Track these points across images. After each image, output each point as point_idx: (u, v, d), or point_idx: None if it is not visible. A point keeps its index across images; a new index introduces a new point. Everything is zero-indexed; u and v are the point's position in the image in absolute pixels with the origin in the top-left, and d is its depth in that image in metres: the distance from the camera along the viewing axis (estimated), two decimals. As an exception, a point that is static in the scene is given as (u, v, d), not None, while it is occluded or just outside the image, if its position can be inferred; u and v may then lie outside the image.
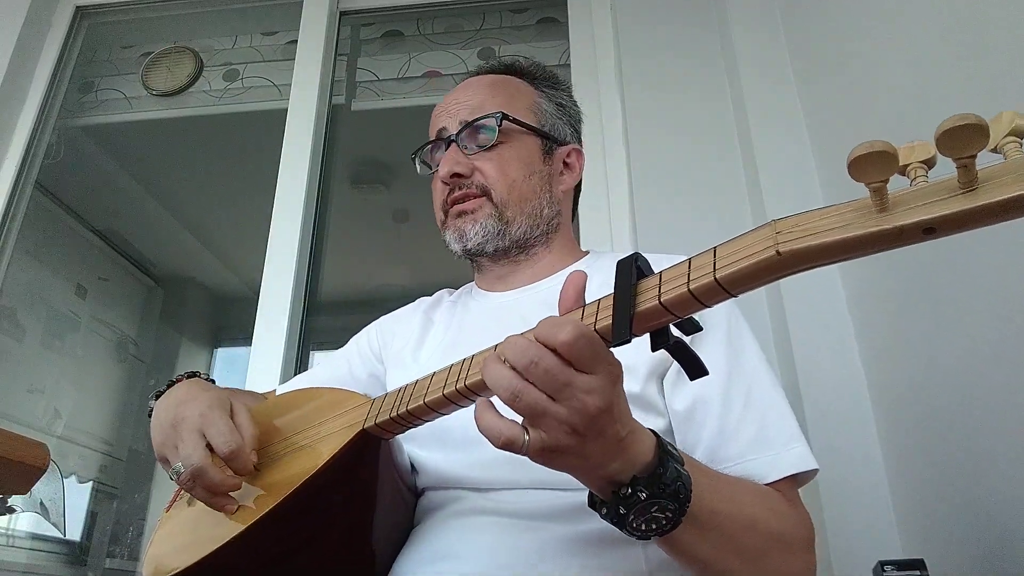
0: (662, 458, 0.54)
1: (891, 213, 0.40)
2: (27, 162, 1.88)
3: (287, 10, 2.01)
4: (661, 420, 0.75)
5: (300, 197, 1.69)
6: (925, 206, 0.39)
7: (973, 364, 0.87)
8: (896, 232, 0.39)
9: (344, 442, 0.67)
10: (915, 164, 0.39)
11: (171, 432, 0.72)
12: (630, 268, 0.51)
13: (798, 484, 0.72)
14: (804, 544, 0.67)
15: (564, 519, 0.69)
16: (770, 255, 0.43)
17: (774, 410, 0.74)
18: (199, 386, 0.79)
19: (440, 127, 0.96)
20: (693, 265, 0.48)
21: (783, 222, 0.44)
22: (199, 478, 0.67)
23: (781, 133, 1.45)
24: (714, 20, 1.68)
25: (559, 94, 1.02)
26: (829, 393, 1.20)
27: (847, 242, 0.41)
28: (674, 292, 0.48)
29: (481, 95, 0.95)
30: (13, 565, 1.91)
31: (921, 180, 0.39)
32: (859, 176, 0.39)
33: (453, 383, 0.58)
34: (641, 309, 0.49)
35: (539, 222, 0.93)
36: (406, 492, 0.80)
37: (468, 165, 0.91)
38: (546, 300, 0.87)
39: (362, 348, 1.02)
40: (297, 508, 0.66)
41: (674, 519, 0.54)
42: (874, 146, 0.38)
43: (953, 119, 0.36)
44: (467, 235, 0.91)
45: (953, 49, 0.87)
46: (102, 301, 2.39)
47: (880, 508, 1.12)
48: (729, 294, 0.46)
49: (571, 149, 1.00)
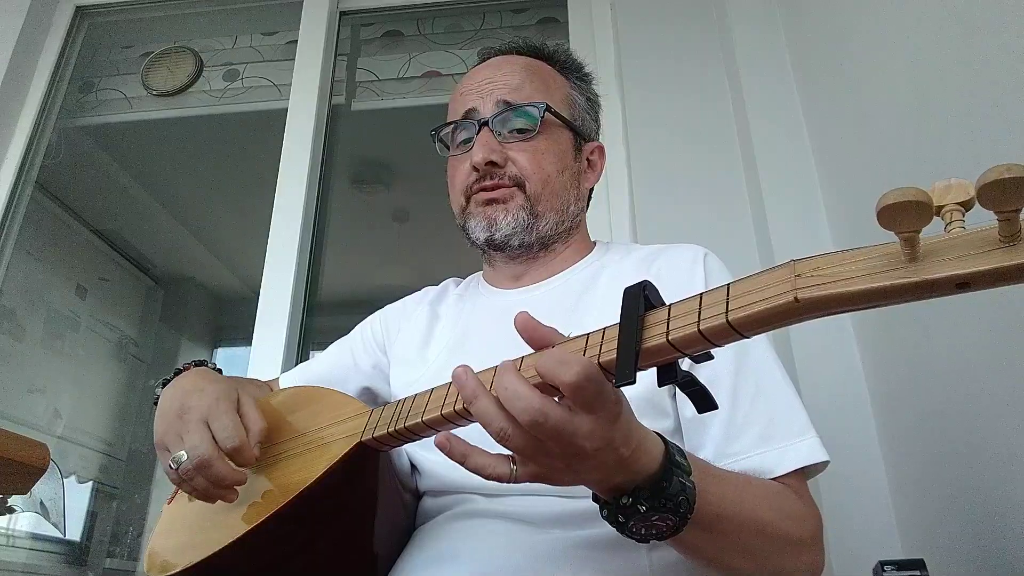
0: (668, 470, 0.53)
1: (922, 264, 0.36)
2: (27, 162, 1.88)
3: (287, 10, 2.01)
4: (668, 421, 0.74)
5: (300, 197, 1.69)
6: (961, 259, 0.35)
7: (973, 364, 0.87)
8: (927, 285, 0.36)
9: (342, 453, 0.66)
10: (951, 206, 0.35)
11: (176, 422, 0.71)
12: (638, 298, 0.49)
13: (808, 475, 0.72)
14: (812, 540, 0.67)
15: (569, 524, 0.68)
16: (788, 300, 0.40)
17: (783, 402, 0.73)
18: (206, 377, 0.78)
19: (470, 107, 0.90)
20: (704, 302, 0.45)
21: (803, 264, 0.41)
22: (204, 469, 0.67)
23: (781, 133, 1.45)
24: (714, 20, 1.68)
25: (587, 87, 0.99)
26: (829, 393, 1.20)
27: (873, 292, 0.38)
28: (683, 331, 0.45)
29: (518, 77, 0.90)
30: (13, 565, 1.91)
31: (957, 227, 0.35)
32: (889, 225, 0.35)
33: (452, 404, 0.57)
34: (647, 346, 0.46)
35: (565, 218, 0.90)
36: (405, 495, 0.80)
37: (502, 154, 0.86)
38: (555, 298, 0.87)
39: (366, 338, 1.01)
40: (295, 516, 0.66)
41: (675, 527, 0.54)
42: (907, 194, 0.34)
43: (999, 170, 0.32)
44: (497, 224, 0.86)
45: (953, 51, 0.87)
46: (102, 301, 2.39)
47: (880, 508, 1.12)
48: (741, 335, 0.44)
49: (596, 146, 0.97)
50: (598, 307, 0.82)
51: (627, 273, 0.84)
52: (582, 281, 0.88)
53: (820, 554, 0.68)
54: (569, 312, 0.83)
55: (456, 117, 0.92)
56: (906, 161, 1.01)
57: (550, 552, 0.67)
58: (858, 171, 1.20)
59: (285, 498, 0.65)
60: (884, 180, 1.08)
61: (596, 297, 0.84)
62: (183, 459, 0.67)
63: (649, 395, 0.73)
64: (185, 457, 0.67)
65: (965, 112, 0.84)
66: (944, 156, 0.89)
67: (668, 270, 0.82)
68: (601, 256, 0.92)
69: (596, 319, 0.79)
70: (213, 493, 0.69)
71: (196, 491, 0.69)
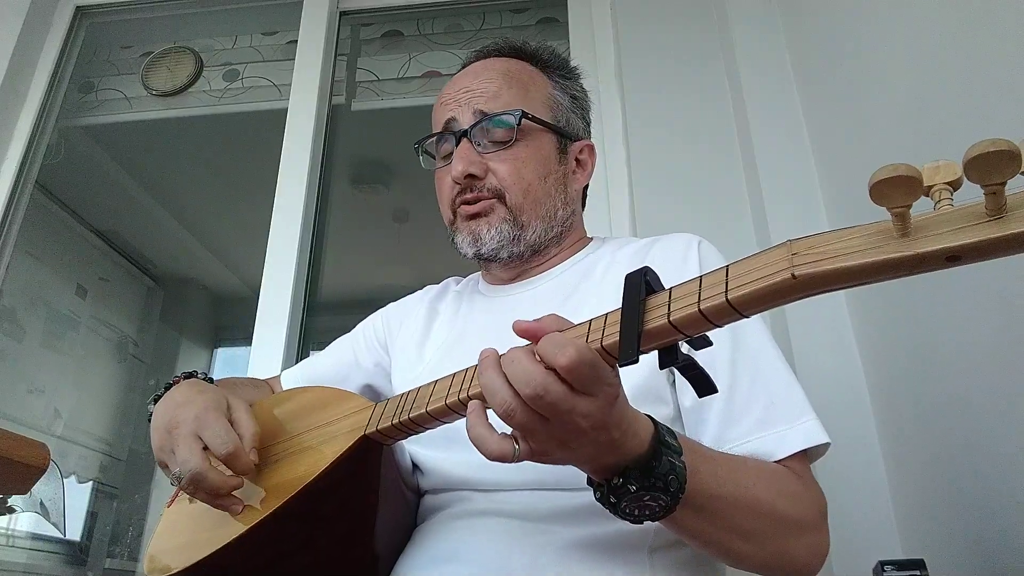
0: (656, 450, 0.54)
1: (913, 239, 0.38)
2: (27, 162, 1.88)
3: (287, 10, 2.01)
4: (667, 409, 0.74)
5: (300, 197, 1.69)
6: (950, 233, 0.37)
7: (973, 362, 0.87)
8: (918, 259, 0.38)
9: (346, 447, 0.66)
10: (940, 186, 0.37)
11: (167, 437, 0.71)
12: (639, 283, 0.50)
13: (811, 458, 0.71)
14: (814, 523, 0.67)
15: (569, 521, 0.68)
16: (785, 278, 0.41)
17: (781, 385, 0.73)
18: (195, 388, 0.77)
19: (448, 117, 0.89)
20: (704, 283, 0.46)
21: (799, 243, 0.42)
22: (198, 483, 0.67)
23: (781, 132, 1.45)
24: (714, 20, 1.68)
25: (573, 85, 0.96)
26: (828, 392, 1.20)
27: (866, 267, 0.39)
28: (684, 311, 0.46)
29: (495, 83, 0.88)
30: (13, 565, 1.91)
31: (946, 204, 0.37)
32: (881, 200, 0.37)
33: (456, 393, 0.58)
34: (649, 327, 0.48)
35: (554, 224, 0.89)
36: (408, 493, 0.80)
37: (482, 165, 0.86)
38: (552, 290, 0.87)
39: (368, 337, 1.01)
40: (297, 512, 0.65)
41: (667, 507, 0.55)
42: (898, 169, 0.36)
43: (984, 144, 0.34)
44: (482, 239, 0.86)
45: (954, 51, 0.87)
46: (102, 301, 2.39)
47: (880, 508, 1.12)
48: (741, 315, 0.45)
49: (584, 145, 0.95)
50: (595, 296, 0.82)
51: (623, 263, 0.84)
52: (578, 273, 0.88)
53: (824, 535, 0.67)
54: (566, 302, 0.83)
55: (438, 128, 0.91)
56: (906, 158, 1.01)
57: (550, 551, 0.67)
58: (858, 170, 1.20)
59: (288, 494, 0.65)
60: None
61: (592, 287, 0.84)
62: (180, 475, 0.67)
63: (648, 383, 0.73)
64: (181, 473, 0.67)
65: (964, 112, 0.84)
66: (944, 156, 0.89)
67: (663, 258, 0.82)
68: (596, 249, 0.92)
69: (593, 308, 0.78)
70: (215, 504, 0.69)
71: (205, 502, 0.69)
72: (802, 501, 0.66)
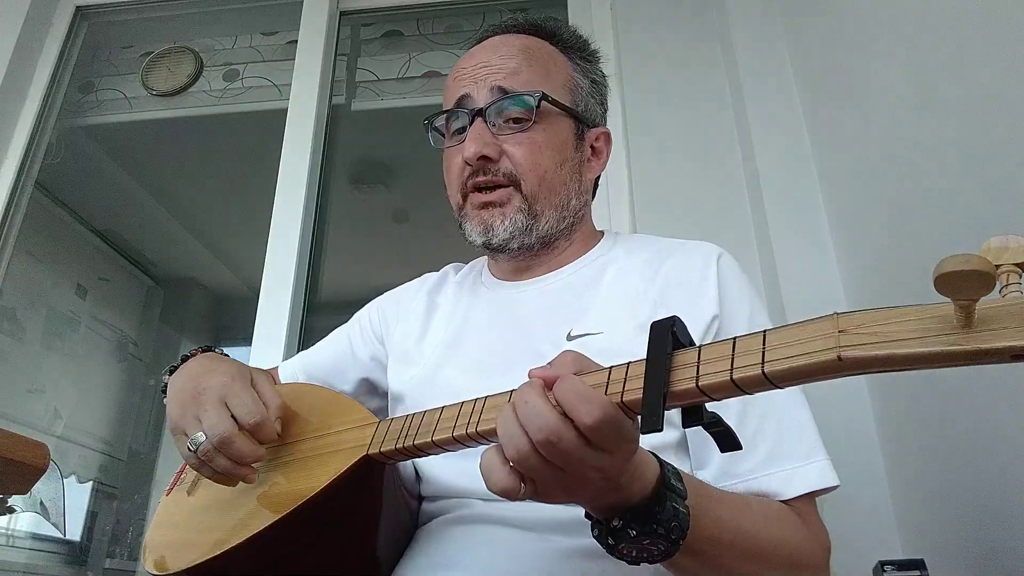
0: (661, 494, 0.51)
1: (977, 332, 0.34)
2: (27, 162, 1.88)
3: (287, 10, 2.01)
4: (675, 433, 0.72)
5: (300, 197, 1.68)
6: (1019, 330, 0.33)
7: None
8: (980, 353, 0.34)
9: (347, 465, 0.65)
10: (1007, 267, 0.33)
11: (192, 403, 0.69)
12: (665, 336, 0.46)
13: (816, 497, 0.70)
14: (814, 567, 0.65)
15: (569, 531, 0.67)
16: (831, 358, 0.38)
17: (794, 422, 0.70)
18: (216, 359, 0.77)
19: (462, 93, 0.83)
20: (738, 348, 0.43)
21: (847, 318, 0.39)
22: (226, 447, 0.65)
23: (782, 139, 1.44)
24: (715, 24, 1.68)
25: (593, 68, 0.92)
26: (829, 392, 1.20)
27: (922, 356, 0.36)
28: (714, 377, 0.43)
29: (515, 60, 0.83)
30: (13, 565, 1.91)
31: (1014, 291, 0.33)
32: (946, 291, 0.33)
33: (463, 426, 0.56)
34: (675, 389, 0.44)
35: (566, 214, 0.85)
36: (410, 500, 0.79)
37: (497, 148, 0.81)
38: (557, 292, 0.84)
39: (364, 329, 0.98)
40: (298, 523, 0.65)
41: (666, 552, 0.52)
42: (971, 262, 0.32)
43: None
44: (494, 229, 0.81)
45: (955, 60, 0.87)
46: (102, 301, 2.39)
47: (880, 508, 1.12)
48: (775, 386, 0.42)
49: (601, 132, 0.90)
50: (600, 305, 0.79)
51: (635, 271, 0.81)
52: (586, 277, 0.85)
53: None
54: (571, 305, 0.81)
55: (450, 104, 0.86)
56: (908, 166, 1.01)
57: (550, 560, 0.66)
58: (858, 170, 1.20)
59: (288, 506, 0.64)
60: (885, 181, 1.09)
61: (599, 294, 0.81)
62: (201, 440, 0.66)
63: None
64: (203, 438, 0.66)
65: (967, 118, 0.84)
66: (945, 163, 0.89)
67: (678, 273, 0.78)
68: (608, 250, 0.88)
69: (598, 318, 0.78)
70: (234, 472, 0.67)
71: (215, 474, 0.67)
72: (805, 545, 0.64)
